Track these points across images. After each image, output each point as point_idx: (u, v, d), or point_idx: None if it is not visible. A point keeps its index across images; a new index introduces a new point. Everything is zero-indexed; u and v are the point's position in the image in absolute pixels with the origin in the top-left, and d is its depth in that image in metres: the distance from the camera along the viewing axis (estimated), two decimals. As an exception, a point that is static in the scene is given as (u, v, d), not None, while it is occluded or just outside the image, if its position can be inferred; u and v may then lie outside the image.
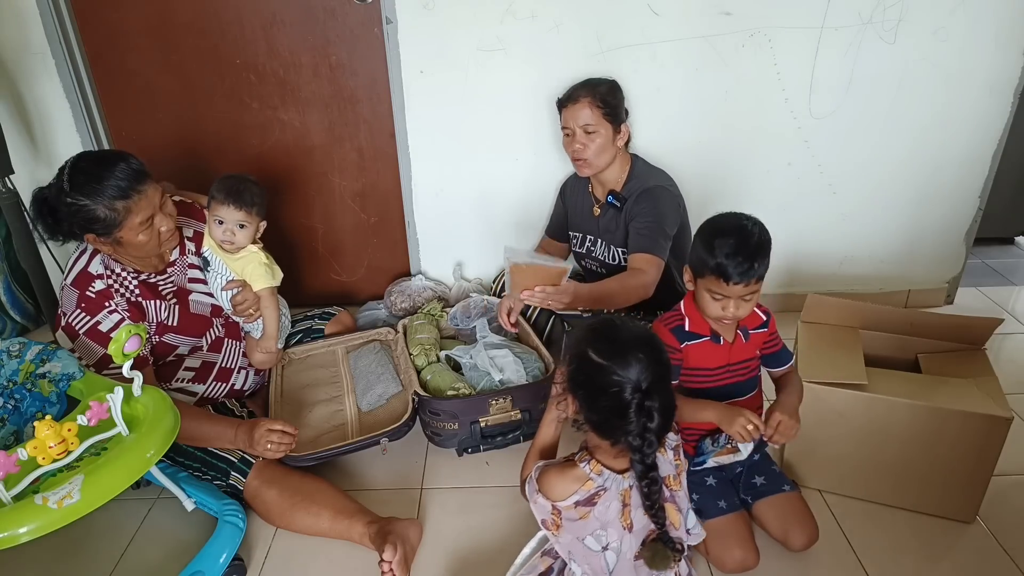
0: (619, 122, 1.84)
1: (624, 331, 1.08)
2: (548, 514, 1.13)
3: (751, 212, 1.39)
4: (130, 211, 1.45)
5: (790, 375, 1.48)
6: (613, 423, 1.04)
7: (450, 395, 1.71)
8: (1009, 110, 2.11)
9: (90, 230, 1.46)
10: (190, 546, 1.45)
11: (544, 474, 1.14)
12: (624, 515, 1.10)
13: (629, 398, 1.01)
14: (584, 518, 1.10)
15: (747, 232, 1.29)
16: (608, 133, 1.81)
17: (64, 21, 2.02)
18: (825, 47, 2.01)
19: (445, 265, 2.41)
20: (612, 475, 1.09)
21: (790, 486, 1.46)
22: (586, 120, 1.80)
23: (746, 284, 1.28)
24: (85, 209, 1.42)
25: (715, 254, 1.28)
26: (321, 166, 2.27)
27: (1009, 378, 1.72)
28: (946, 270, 2.39)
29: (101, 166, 1.44)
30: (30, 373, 1.37)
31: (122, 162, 1.45)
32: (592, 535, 1.11)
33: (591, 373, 1.05)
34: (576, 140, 1.82)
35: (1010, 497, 1.56)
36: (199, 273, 1.72)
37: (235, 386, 1.78)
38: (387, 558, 1.33)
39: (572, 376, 1.10)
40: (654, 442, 1.04)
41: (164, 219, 1.53)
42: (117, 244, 1.50)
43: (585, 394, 1.07)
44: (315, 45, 2.09)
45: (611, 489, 1.09)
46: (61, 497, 1.04)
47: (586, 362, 1.06)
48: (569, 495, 1.10)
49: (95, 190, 1.42)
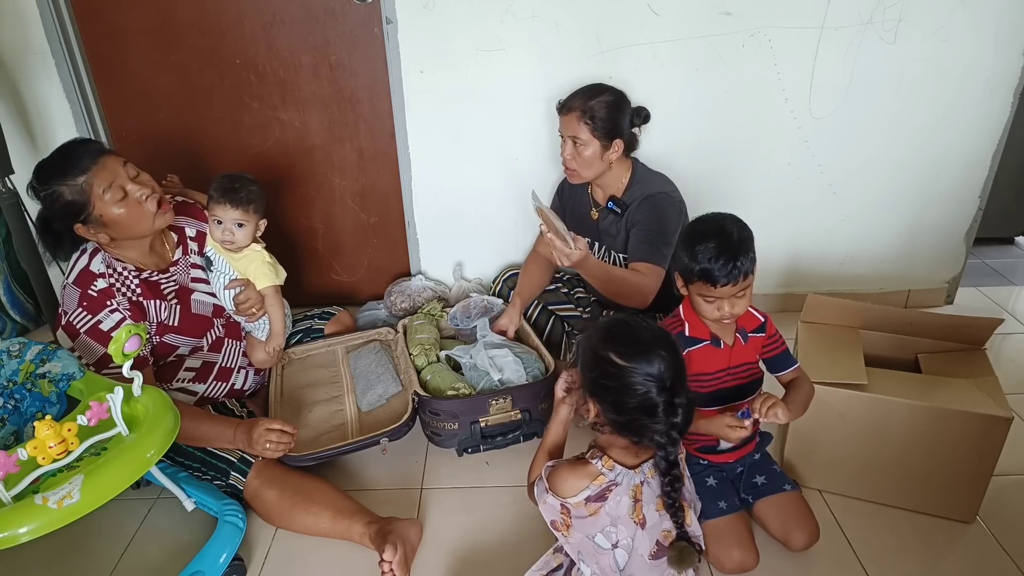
0: (611, 137, 1.78)
1: (642, 331, 1.09)
2: (558, 514, 1.13)
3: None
4: (91, 184, 1.47)
5: (799, 378, 1.46)
6: (641, 423, 1.04)
7: (450, 395, 1.71)
8: (1009, 110, 2.11)
9: (74, 220, 1.49)
10: (190, 546, 1.45)
11: (555, 472, 1.14)
12: (636, 511, 1.10)
13: (657, 398, 1.02)
14: (594, 515, 1.10)
15: (726, 233, 1.29)
16: (596, 148, 1.78)
17: (64, 21, 2.02)
18: (825, 47, 2.01)
19: (445, 265, 2.41)
20: (624, 470, 1.10)
21: (791, 485, 1.46)
22: (574, 133, 1.78)
23: (734, 284, 1.29)
24: (54, 195, 1.47)
25: (698, 260, 1.29)
26: (321, 166, 2.27)
27: (1009, 378, 1.72)
28: (946, 270, 2.39)
29: (57, 154, 1.51)
30: (30, 373, 1.37)
31: (77, 145, 1.52)
32: (602, 532, 1.11)
33: (616, 376, 1.05)
34: (566, 149, 1.82)
35: (1010, 497, 1.56)
36: (202, 273, 1.72)
37: (235, 386, 1.78)
38: (387, 558, 1.33)
39: (594, 381, 1.09)
40: (678, 439, 1.05)
41: (139, 188, 1.53)
42: (104, 226, 1.51)
43: (611, 397, 1.06)
44: (315, 45, 2.09)
45: (622, 484, 1.10)
46: (61, 497, 1.04)
47: (609, 365, 1.05)
48: (580, 491, 1.10)
49: (55, 174, 1.47)
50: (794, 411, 1.38)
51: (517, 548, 1.45)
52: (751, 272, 1.30)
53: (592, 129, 1.76)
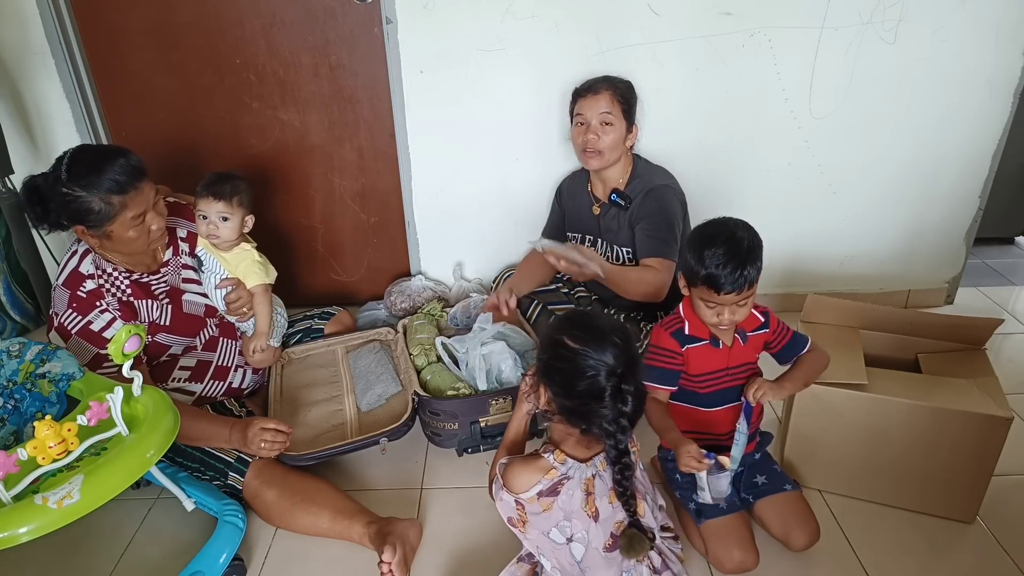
0: (632, 121, 1.85)
1: (599, 319, 1.13)
2: (513, 511, 1.14)
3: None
4: (125, 206, 1.46)
5: (808, 352, 1.43)
6: (589, 407, 1.06)
7: (450, 395, 1.71)
8: (1009, 110, 2.11)
9: (81, 221, 1.47)
10: (190, 546, 1.45)
11: (508, 468, 1.16)
12: (588, 503, 1.11)
13: (605, 382, 1.04)
14: (548, 510, 1.11)
15: (736, 240, 1.28)
16: (622, 129, 1.81)
17: (64, 21, 2.02)
18: (825, 47, 2.01)
19: (445, 265, 2.40)
20: (575, 464, 1.11)
21: (791, 485, 1.46)
22: (605, 109, 1.79)
23: (738, 292, 1.27)
24: (80, 200, 1.43)
25: (705, 264, 1.27)
26: (321, 166, 2.27)
27: (1009, 378, 1.72)
28: (946, 270, 2.39)
29: (101, 159, 1.46)
30: (30, 373, 1.37)
31: (122, 157, 1.47)
32: (557, 527, 1.12)
33: (567, 358, 1.07)
34: (590, 131, 1.81)
35: (1010, 497, 1.56)
36: (193, 273, 1.72)
37: (233, 385, 1.78)
38: (386, 559, 1.33)
39: (547, 364, 1.11)
40: (627, 427, 1.06)
41: (155, 218, 1.54)
42: (106, 238, 1.50)
43: (561, 380, 1.08)
44: (315, 45, 2.09)
45: (574, 477, 1.11)
46: (61, 497, 1.04)
47: (562, 348, 1.08)
48: (532, 485, 1.11)
49: (93, 182, 1.43)
50: (792, 384, 1.38)
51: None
52: (756, 281, 1.29)
53: (624, 109, 1.81)
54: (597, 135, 1.80)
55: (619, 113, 1.80)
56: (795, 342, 1.44)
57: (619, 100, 1.80)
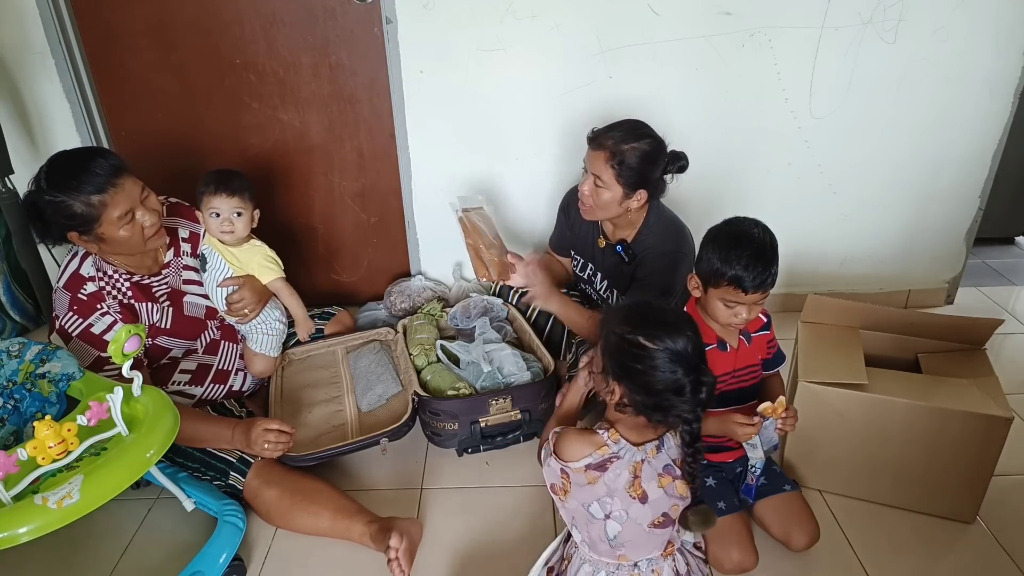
0: (636, 188, 1.65)
1: (666, 313, 1.11)
2: (558, 478, 1.14)
3: (751, 213, 1.40)
4: (106, 205, 1.45)
5: (775, 376, 1.52)
6: (669, 402, 1.06)
7: (450, 395, 1.71)
8: (1009, 110, 2.11)
9: (71, 227, 1.47)
10: (190, 546, 1.45)
11: (561, 436, 1.16)
12: (634, 486, 1.11)
13: (685, 378, 1.04)
14: (592, 483, 1.11)
15: (759, 240, 1.31)
16: (617, 195, 1.66)
17: (64, 21, 2.02)
18: (825, 47, 2.01)
19: (445, 265, 2.40)
20: (628, 445, 1.12)
21: (791, 486, 1.46)
22: (598, 172, 1.65)
23: (762, 292, 1.31)
24: (62, 205, 1.43)
25: (732, 265, 1.29)
26: (321, 166, 2.27)
27: (1009, 378, 1.72)
28: (946, 270, 2.39)
29: (76, 161, 1.46)
30: (30, 373, 1.36)
31: (99, 157, 1.47)
32: (598, 501, 1.12)
33: (644, 358, 1.06)
34: (585, 183, 1.70)
35: (1010, 497, 1.56)
36: (194, 275, 1.72)
37: (233, 387, 1.78)
38: (394, 544, 1.34)
39: (622, 365, 1.09)
40: (702, 414, 1.08)
41: (146, 213, 1.52)
42: (100, 241, 1.50)
43: (641, 380, 1.07)
44: (315, 45, 2.09)
45: (624, 458, 1.11)
46: (61, 497, 1.04)
47: (638, 349, 1.06)
48: (582, 457, 1.11)
49: (70, 185, 1.43)
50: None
51: (517, 548, 1.45)
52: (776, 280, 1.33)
53: (617, 175, 1.64)
54: (588, 191, 1.69)
55: (612, 177, 1.63)
56: (780, 355, 1.50)
57: (614, 165, 1.62)
